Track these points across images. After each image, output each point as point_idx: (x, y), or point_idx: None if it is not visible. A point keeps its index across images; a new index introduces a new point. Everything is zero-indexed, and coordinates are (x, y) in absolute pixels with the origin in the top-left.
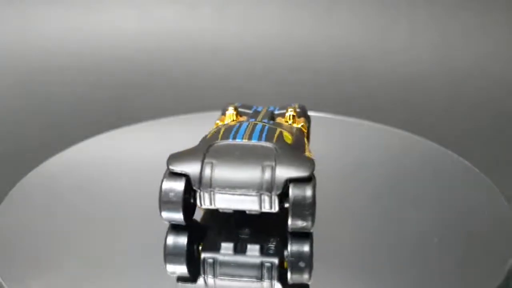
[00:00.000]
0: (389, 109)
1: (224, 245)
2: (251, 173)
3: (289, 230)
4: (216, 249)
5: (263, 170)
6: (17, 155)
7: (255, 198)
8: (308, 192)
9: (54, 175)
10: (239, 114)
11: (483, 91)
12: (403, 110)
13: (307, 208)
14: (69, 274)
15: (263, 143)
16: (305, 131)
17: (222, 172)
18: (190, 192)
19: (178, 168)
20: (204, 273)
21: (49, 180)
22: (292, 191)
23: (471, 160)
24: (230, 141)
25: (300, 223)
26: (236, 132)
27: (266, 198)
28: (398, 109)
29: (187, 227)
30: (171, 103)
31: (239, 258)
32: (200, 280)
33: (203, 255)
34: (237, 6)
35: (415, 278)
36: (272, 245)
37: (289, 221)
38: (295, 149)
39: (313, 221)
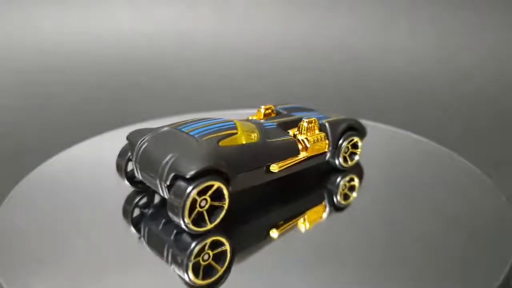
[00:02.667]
0: (389, 109)
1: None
2: (157, 160)
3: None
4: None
5: (167, 161)
6: (17, 155)
7: (157, 183)
8: (181, 191)
9: (55, 175)
10: (276, 112)
11: (483, 90)
12: (403, 109)
13: (176, 205)
14: (69, 274)
15: (193, 137)
16: (303, 143)
17: (144, 152)
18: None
19: (129, 138)
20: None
21: (49, 181)
22: (173, 186)
23: (471, 160)
24: (173, 129)
25: (172, 216)
26: (192, 123)
27: (163, 186)
28: (398, 108)
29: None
30: (171, 103)
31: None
32: None
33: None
34: (237, 6)
35: (415, 277)
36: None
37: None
38: (225, 149)
39: (183, 217)
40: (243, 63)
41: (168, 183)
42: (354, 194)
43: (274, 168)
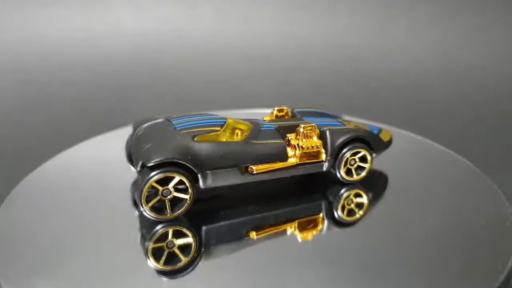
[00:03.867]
0: (389, 109)
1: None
2: (138, 148)
3: None
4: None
5: (142, 149)
6: (17, 155)
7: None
8: (142, 178)
9: (55, 175)
10: (292, 115)
11: (483, 90)
12: (403, 109)
13: (137, 190)
14: (70, 274)
15: (174, 130)
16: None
17: (136, 140)
18: None
19: (133, 125)
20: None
21: (50, 181)
22: (140, 173)
23: (471, 160)
24: (166, 120)
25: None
26: (187, 117)
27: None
28: (398, 108)
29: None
30: (171, 103)
31: None
32: None
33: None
34: (237, 6)
35: (414, 277)
36: None
37: None
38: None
39: (141, 202)
40: (243, 63)
41: (138, 169)
42: (353, 193)
43: (252, 169)
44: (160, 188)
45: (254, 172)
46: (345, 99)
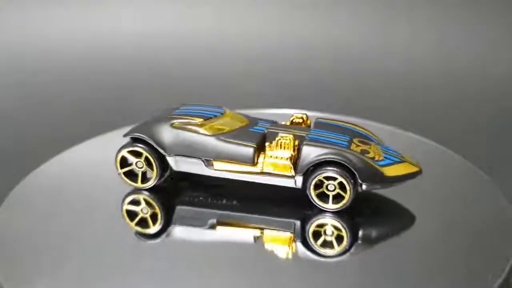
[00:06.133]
0: (389, 109)
1: None
2: None
3: None
4: None
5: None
6: (17, 155)
7: None
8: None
9: (55, 176)
10: (308, 123)
11: (483, 90)
12: (403, 109)
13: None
14: (70, 275)
15: (165, 115)
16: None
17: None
18: None
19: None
20: None
21: (50, 181)
22: None
23: (472, 160)
24: (172, 108)
25: None
26: (191, 106)
27: None
28: (398, 108)
29: None
30: (171, 103)
31: None
32: None
33: None
34: (237, 6)
35: (414, 277)
36: None
37: None
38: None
39: (116, 166)
40: (243, 63)
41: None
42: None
43: (213, 164)
44: (134, 160)
45: (215, 168)
46: (345, 99)
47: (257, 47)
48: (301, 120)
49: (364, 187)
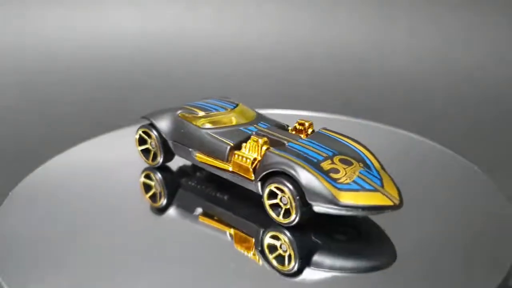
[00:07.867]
0: (389, 109)
1: None
2: None
3: None
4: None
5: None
6: (17, 156)
7: None
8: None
9: (55, 175)
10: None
11: (483, 90)
12: (403, 109)
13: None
14: (70, 274)
15: (178, 107)
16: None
17: None
18: None
19: None
20: None
21: (50, 181)
22: None
23: (471, 160)
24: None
25: None
26: (211, 100)
27: None
28: (398, 108)
29: None
30: (171, 103)
31: None
32: None
33: None
34: (237, 6)
35: (415, 277)
36: None
37: None
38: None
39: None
40: (243, 63)
41: None
42: None
43: (195, 155)
44: (148, 140)
45: (196, 159)
46: (345, 99)
47: (257, 47)
48: (302, 128)
49: (315, 207)
